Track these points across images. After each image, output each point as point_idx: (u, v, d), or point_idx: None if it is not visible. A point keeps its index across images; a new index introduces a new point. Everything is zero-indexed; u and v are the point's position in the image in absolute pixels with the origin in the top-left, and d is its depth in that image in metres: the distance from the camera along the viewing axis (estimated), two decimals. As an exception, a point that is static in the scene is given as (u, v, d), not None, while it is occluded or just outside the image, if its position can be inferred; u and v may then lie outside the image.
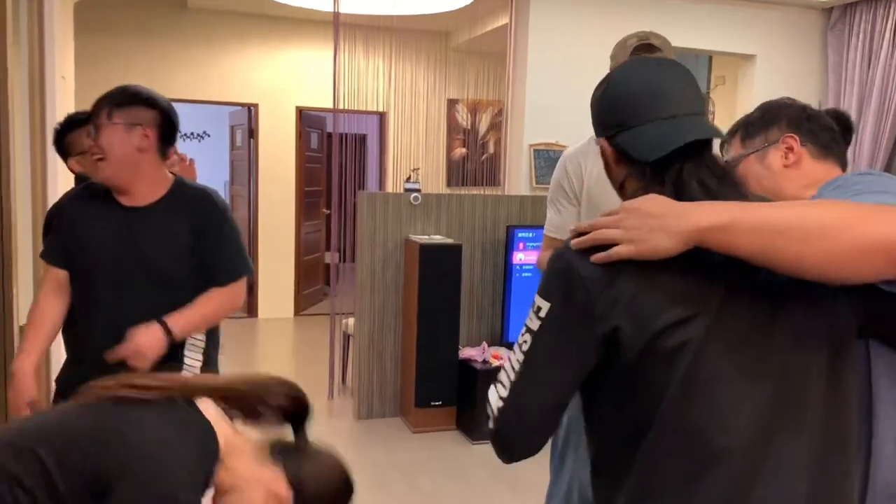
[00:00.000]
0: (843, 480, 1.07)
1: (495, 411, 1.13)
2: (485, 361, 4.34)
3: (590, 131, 2.28)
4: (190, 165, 2.67)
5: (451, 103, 7.54)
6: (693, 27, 5.17)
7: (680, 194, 1.09)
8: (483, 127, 7.60)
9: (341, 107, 5.09)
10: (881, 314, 1.07)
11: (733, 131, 1.63)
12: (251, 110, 7.26)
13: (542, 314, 1.09)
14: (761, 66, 5.44)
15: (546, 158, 4.93)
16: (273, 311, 7.42)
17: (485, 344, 4.48)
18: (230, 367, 3.35)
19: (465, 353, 4.43)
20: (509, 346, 4.36)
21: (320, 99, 7.30)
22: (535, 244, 4.43)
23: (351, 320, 5.18)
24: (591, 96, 1.27)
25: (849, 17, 5.37)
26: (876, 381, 1.22)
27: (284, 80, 7.21)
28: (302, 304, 7.68)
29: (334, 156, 5.00)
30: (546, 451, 4.18)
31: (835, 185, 1.40)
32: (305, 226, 7.66)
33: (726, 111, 6.29)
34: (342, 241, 5.27)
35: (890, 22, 5.03)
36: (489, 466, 3.96)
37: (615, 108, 1.19)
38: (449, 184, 7.54)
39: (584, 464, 2.18)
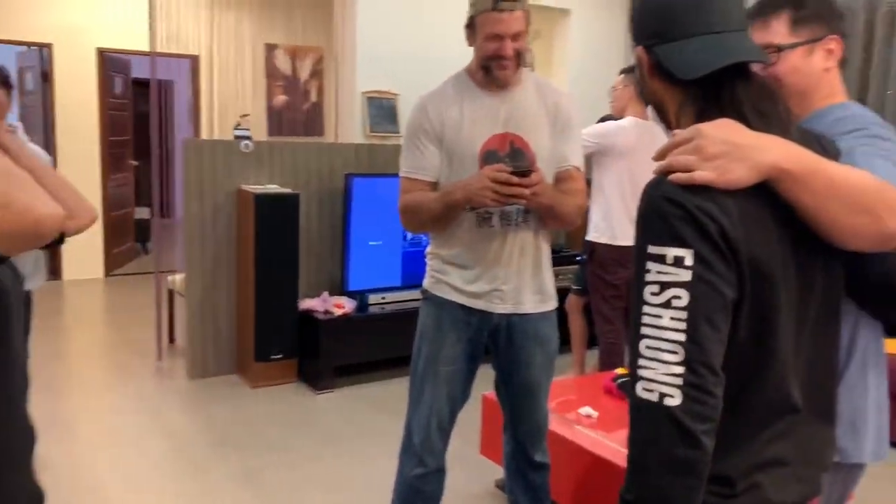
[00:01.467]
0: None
1: (674, 387, 0.96)
2: (326, 311, 4.33)
3: (427, 78, 2.32)
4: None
5: (271, 48, 7.24)
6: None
7: (737, 119, 1.05)
8: (304, 74, 7.40)
9: (158, 50, 4.72)
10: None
11: (776, 5, 1.42)
12: (43, 51, 6.53)
13: (689, 262, 0.97)
14: (575, 20, 5.74)
15: (379, 107, 4.91)
16: (80, 272, 6.85)
17: (325, 294, 4.45)
18: (37, 334, 3.06)
19: (306, 303, 4.38)
20: (351, 295, 4.40)
21: (124, 40, 6.72)
22: (375, 192, 4.43)
23: (176, 277, 4.92)
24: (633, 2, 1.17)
25: (650, -22, 5.79)
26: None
27: (82, 18, 6.55)
28: (112, 263, 7.15)
29: (153, 101, 4.65)
30: (374, 394, 4.25)
31: (854, 119, 1.34)
32: (112, 179, 7.10)
33: (544, 60, 6.58)
34: (162, 193, 4.95)
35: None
36: (336, 413, 3.99)
37: (658, 16, 1.12)
38: (271, 133, 7.29)
39: (442, 392, 2.28)
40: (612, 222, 3.86)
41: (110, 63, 6.91)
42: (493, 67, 2.15)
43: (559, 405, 2.96)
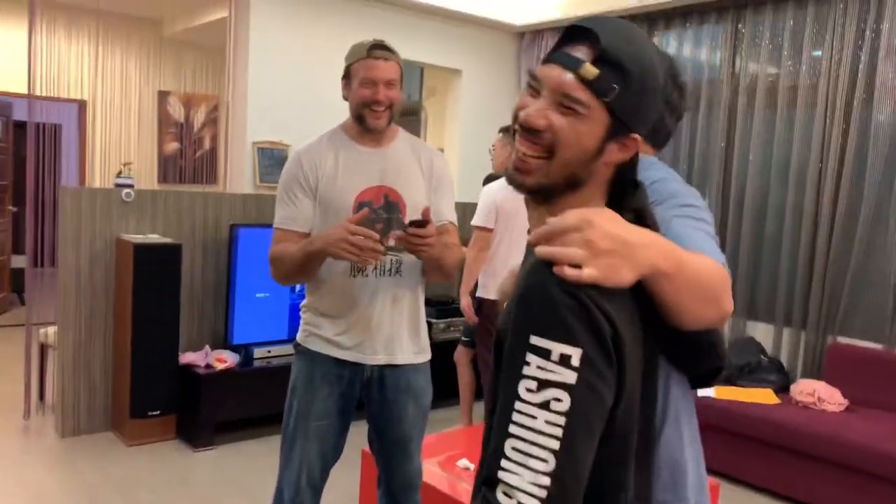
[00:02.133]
0: None
1: (535, 499, 0.87)
2: (208, 365, 4.20)
3: (319, 129, 2.36)
4: None
5: (163, 95, 7.12)
6: (407, 40, 5.48)
7: (623, 199, 1.05)
8: (198, 122, 7.29)
9: (38, 93, 4.56)
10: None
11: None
12: (-86, 90, 6.20)
13: (576, 363, 0.88)
14: (467, 80, 5.94)
15: (270, 157, 4.90)
16: (-54, 324, 6.40)
17: (207, 347, 4.33)
18: None
19: (187, 357, 4.24)
20: (234, 349, 4.29)
21: (4, 83, 6.46)
22: (262, 244, 4.38)
23: (50, 329, 4.68)
24: (650, 66, 1.01)
25: (539, 42, 6.08)
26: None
27: (-41, 57, 6.27)
28: (-16, 314, 6.72)
29: (30, 146, 4.47)
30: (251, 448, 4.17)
31: (665, 185, 1.35)
32: (-13, 225, 6.72)
33: (437, 118, 6.75)
34: (38, 242, 4.72)
35: (571, 49, 5.79)
36: (214, 471, 3.84)
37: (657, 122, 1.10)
38: (162, 180, 7.11)
39: (312, 447, 2.25)
40: (497, 279, 3.96)
41: (-11, 105, 6.61)
42: (367, 115, 2.20)
43: (438, 459, 2.96)
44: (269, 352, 4.42)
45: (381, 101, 2.18)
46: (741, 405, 3.97)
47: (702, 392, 4.14)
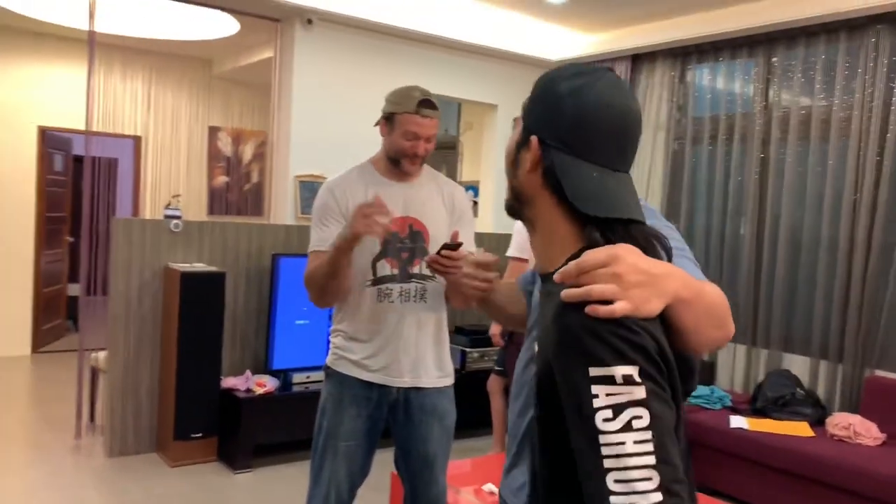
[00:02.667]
0: None
1: None
2: (248, 390, 4.35)
3: (354, 163, 2.50)
4: None
5: (213, 131, 7.43)
6: (445, 76, 5.66)
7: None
8: (246, 156, 7.58)
9: (95, 129, 4.84)
10: None
11: None
12: (-17, 128, 6.59)
13: (638, 378, 0.91)
14: (502, 115, 6.07)
15: (310, 189, 5.09)
16: (5, 349, 6.72)
17: (248, 372, 4.48)
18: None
19: (228, 382, 4.40)
20: (274, 374, 4.44)
21: (66, 119, 6.83)
22: (301, 272, 4.54)
23: (101, 354, 4.90)
24: (552, 81, 1.10)
25: (574, 77, 6.19)
26: None
27: (24, 97, 6.66)
28: (41, 340, 7.03)
29: (86, 180, 4.74)
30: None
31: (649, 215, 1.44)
32: (46, 255, 7.06)
33: (473, 153, 6.89)
34: (93, 271, 4.97)
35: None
36: (252, 493, 3.97)
37: (577, 126, 1.06)
38: (211, 212, 7.39)
39: (341, 467, 2.35)
40: (528, 307, 4.03)
41: (50, 141, 6.99)
42: (404, 163, 2.35)
43: (464, 482, 3.04)
44: (307, 377, 4.56)
45: (421, 155, 2.34)
46: (774, 437, 3.95)
47: (734, 423, 4.13)
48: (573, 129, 1.05)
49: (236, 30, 5.87)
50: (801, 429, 4.05)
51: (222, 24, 5.80)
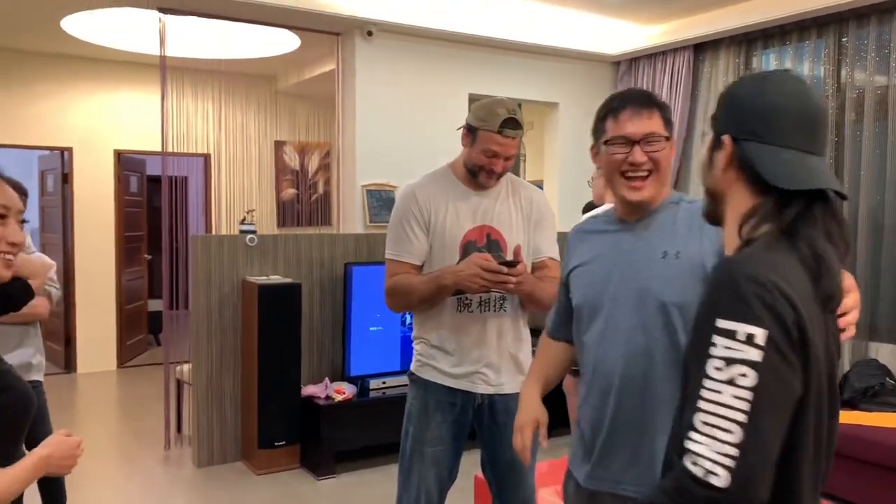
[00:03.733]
0: None
1: (722, 467, 0.95)
2: (327, 397, 4.44)
3: (421, 169, 2.52)
4: None
5: (279, 145, 7.61)
6: (505, 77, 5.66)
7: (794, 236, 1.08)
8: (312, 168, 7.73)
9: (169, 149, 5.02)
10: None
11: (653, 104, 1.68)
12: (64, 154, 6.90)
13: (760, 342, 0.96)
14: (564, 113, 6.05)
15: (378, 198, 5.16)
16: (93, 365, 7.01)
17: (327, 380, 4.58)
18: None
19: (308, 390, 4.50)
20: (352, 381, 4.51)
21: (139, 141, 7.10)
22: (375, 281, 4.62)
23: (185, 367, 5.07)
24: (734, 87, 1.19)
25: (633, 70, 6.12)
26: None
27: (100, 122, 6.95)
28: (125, 355, 7.31)
29: (164, 199, 4.92)
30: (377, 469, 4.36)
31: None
32: (126, 273, 7.34)
33: (535, 152, 6.87)
34: (174, 286, 5.15)
35: (667, 74, 5.81)
36: (336, 498, 4.05)
37: (765, 116, 1.12)
38: (281, 224, 7.57)
39: (429, 472, 2.39)
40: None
41: (126, 163, 7.27)
42: (481, 176, 2.37)
43: (545, 479, 3.03)
44: (383, 383, 4.62)
45: (498, 172, 2.35)
46: (865, 429, 3.82)
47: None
48: (760, 118, 1.12)
49: (297, 45, 6.00)
50: (894, 420, 3.91)
51: (284, 41, 5.94)
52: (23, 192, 2.89)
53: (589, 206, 4.60)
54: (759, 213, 1.11)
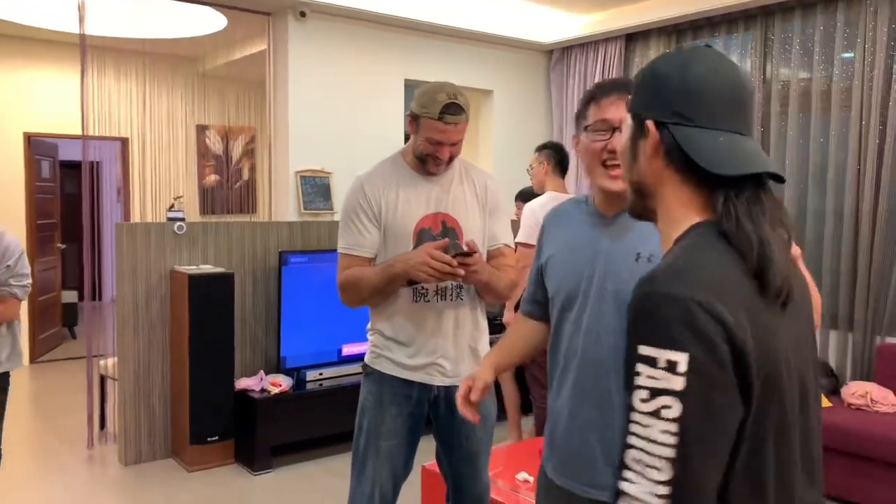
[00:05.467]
0: None
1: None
2: (263, 390, 4.31)
3: (356, 155, 2.45)
4: None
5: (201, 129, 7.33)
6: (439, 63, 5.60)
7: (736, 227, 0.99)
8: (236, 153, 7.49)
9: (90, 133, 4.75)
10: None
11: (625, 88, 1.60)
12: (-33, 136, 6.45)
13: (682, 368, 0.88)
14: (498, 101, 6.04)
15: (312, 184, 5.03)
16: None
17: (262, 372, 4.44)
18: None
19: (242, 383, 4.36)
20: (287, 373, 4.40)
21: (52, 124, 6.71)
22: (308, 270, 4.51)
23: (109, 361, 4.83)
24: (653, 66, 1.09)
25: (566, 59, 6.16)
26: None
27: (10, 103, 6.52)
28: (38, 349, 6.92)
29: (84, 185, 4.65)
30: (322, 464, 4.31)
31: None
32: (39, 263, 6.93)
33: (469, 140, 6.85)
34: (94, 276, 4.89)
35: (598, 64, 5.88)
36: (273, 494, 3.94)
37: (693, 96, 1.03)
38: (203, 212, 7.30)
39: (384, 466, 2.33)
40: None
41: (37, 147, 6.85)
42: (429, 162, 2.31)
43: (498, 473, 3.03)
44: (320, 374, 4.52)
45: (444, 159, 2.29)
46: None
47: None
48: (686, 99, 1.03)
49: (224, 25, 5.77)
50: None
51: (211, 20, 5.70)
52: None
53: (526, 193, 4.61)
54: (694, 204, 1.04)
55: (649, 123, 1.06)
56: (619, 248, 1.62)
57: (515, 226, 3.83)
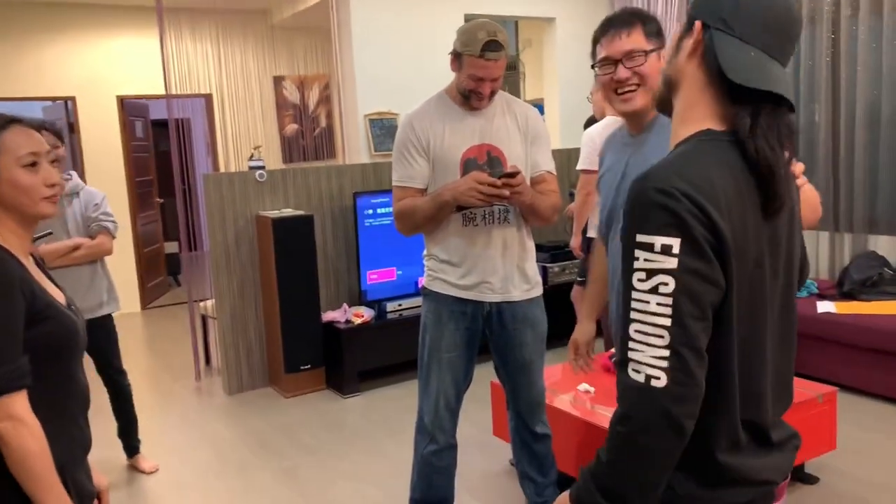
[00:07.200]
0: None
1: (659, 370, 1.03)
2: (347, 321, 4.64)
3: (424, 96, 2.61)
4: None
5: (278, 80, 7.63)
6: (499, -5, 5.64)
7: (751, 136, 1.09)
8: (313, 101, 7.77)
9: (173, 92, 5.09)
10: None
11: (630, 21, 1.82)
12: (68, 104, 6.97)
13: (675, 251, 1.03)
14: (560, 29, 6.03)
15: (381, 126, 5.24)
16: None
17: (345, 305, 4.77)
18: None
19: (328, 316, 4.70)
20: (369, 305, 4.70)
21: (141, 86, 7.14)
22: (383, 208, 4.76)
23: (208, 303, 5.27)
24: None
25: (630, -21, 6.05)
26: None
27: (102, 70, 6.98)
28: (147, 297, 7.55)
29: (172, 141, 5.02)
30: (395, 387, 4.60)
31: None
32: (140, 217, 7.50)
33: (534, 71, 6.87)
34: (189, 227, 5.30)
35: (663, -18, 5.76)
36: (363, 414, 4.29)
37: (739, 9, 1.11)
38: (286, 160, 7.66)
39: (446, 376, 2.57)
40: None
41: (130, 108, 7.33)
42: (472, 98, 2.47)
43: (560, 384, 3.23)
44: (399, 305, 4.81)
45: (486, 94, 2.44)
46: (864, 318, 3.98)
47: (822, 308, 4.17)
48: (735, 10, 1.10)
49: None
50: (892, 307, 4.06)
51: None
52: (55, 133, 3.00)
53: (591, 121, 4.67)
54: (710, 110, 1.13)
55: (697, 23, 1.14)
56: (637, 161, 1.78)
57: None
